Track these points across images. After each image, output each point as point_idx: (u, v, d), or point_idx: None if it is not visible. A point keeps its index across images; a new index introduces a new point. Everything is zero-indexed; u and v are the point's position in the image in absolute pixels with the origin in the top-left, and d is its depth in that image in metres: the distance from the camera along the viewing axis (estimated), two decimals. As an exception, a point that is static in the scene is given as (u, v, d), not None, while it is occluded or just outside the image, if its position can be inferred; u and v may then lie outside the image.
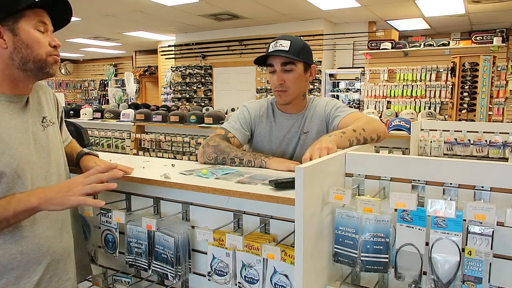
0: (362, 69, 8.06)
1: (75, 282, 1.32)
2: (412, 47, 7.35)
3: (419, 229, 0.96)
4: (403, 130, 3.18)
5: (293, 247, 0.95)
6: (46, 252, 1.18)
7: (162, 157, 4.34)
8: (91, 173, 1.18)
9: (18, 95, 1.18)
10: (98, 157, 1.45)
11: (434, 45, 7.16)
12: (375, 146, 1.69)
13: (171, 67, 10.49)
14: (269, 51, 1.61)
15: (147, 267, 1.40)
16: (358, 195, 1.09)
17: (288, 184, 1.12)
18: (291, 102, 1.67)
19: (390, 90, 7.58)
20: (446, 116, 5.90)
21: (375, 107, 7.69)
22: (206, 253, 1.34)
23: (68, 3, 1.20)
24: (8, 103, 1.15)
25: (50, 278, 1.20)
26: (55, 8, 1.19)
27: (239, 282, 1.25)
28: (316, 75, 8.21)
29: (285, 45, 1.57)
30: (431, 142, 2.76)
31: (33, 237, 1.15)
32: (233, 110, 6.06)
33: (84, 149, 1.46)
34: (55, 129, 1.31)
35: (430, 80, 7.23)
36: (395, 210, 0.97)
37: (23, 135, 1.16)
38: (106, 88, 13.57)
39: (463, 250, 0.91)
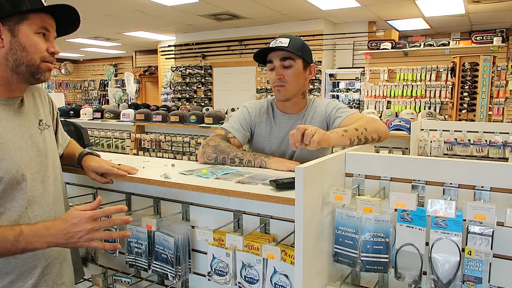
0: (362, 69, 8.06)
1: (69, 287, 1.30)
2: (412, 47, 7.34)
3: (419, 229, 0.96)
4: (403, 130, 3.18)
5: (293, 247, 0.95)
6: (42, 256, 1.16)
7: (162, 157, 4.34)
8: (99, 214, 1.10)
9: (12, 97, 1.16)
10: (100, 157, 1.45)
11: (434, 45, 7.16)
12: (375, 146, 1.69)
13: (171, 67, 10.49)
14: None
15: (147, 267, 1.41)
16: (358, 195, 1.09)
17: (289, 185, 1.12)
18: (290, 99, 1.67)
19: (390, 90, 7.57)
20: (446, 116, 5.90)
21: (375, 107, 7.68)
22: (206, 253, 1.34)
23: (76, 11, 1.17)
24: (4, 106, 1.13)
25: (45, 283, 1.18)
26: (62, 15, 1.16)
27: (239, 282, 1.25)
28: (316, 75, 8.21)
29: (284, 42, 1.59)
30: (431, 142, 2.76)
31: None
32: (233, 110, 6.06)
33: (86, 149, 1.46)
34: (50, 132, 1.29)
35: (430, 80, 7.22)
36: (395, 210, 0.97)
37: (21, 139, 1.14)
38: (106, 88, 13.57)
39: (463, 250, 0.91)
